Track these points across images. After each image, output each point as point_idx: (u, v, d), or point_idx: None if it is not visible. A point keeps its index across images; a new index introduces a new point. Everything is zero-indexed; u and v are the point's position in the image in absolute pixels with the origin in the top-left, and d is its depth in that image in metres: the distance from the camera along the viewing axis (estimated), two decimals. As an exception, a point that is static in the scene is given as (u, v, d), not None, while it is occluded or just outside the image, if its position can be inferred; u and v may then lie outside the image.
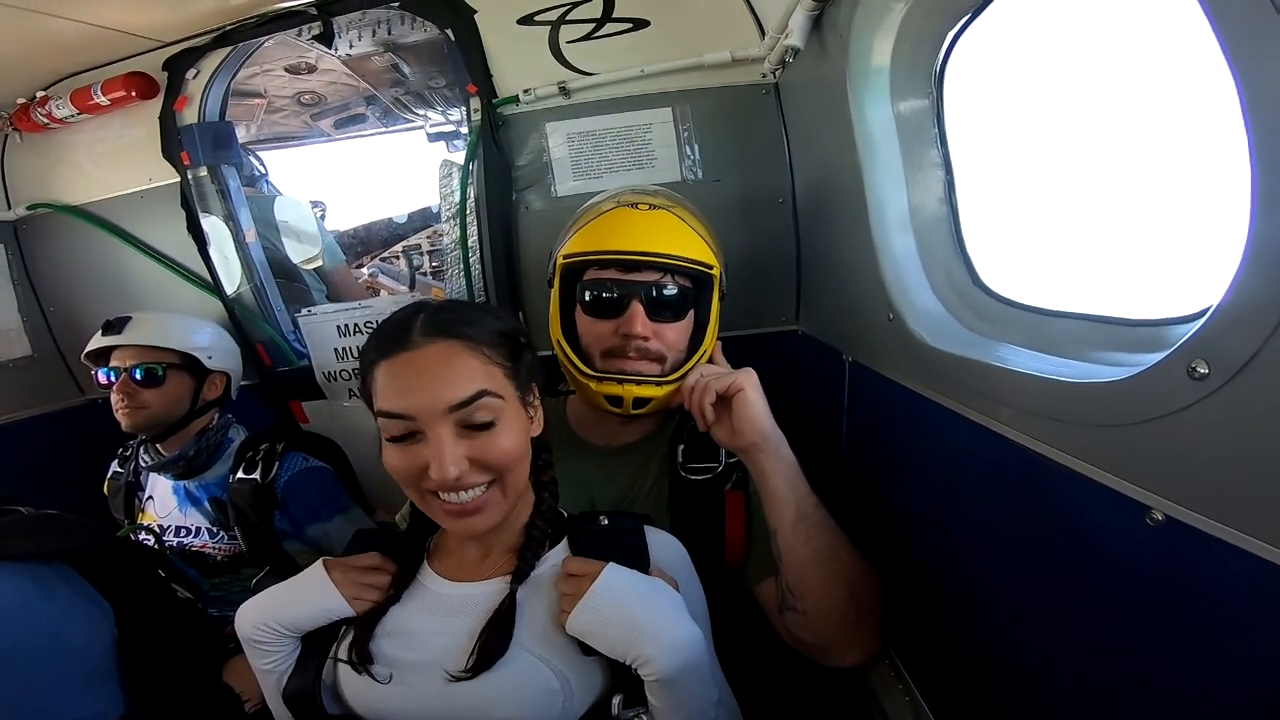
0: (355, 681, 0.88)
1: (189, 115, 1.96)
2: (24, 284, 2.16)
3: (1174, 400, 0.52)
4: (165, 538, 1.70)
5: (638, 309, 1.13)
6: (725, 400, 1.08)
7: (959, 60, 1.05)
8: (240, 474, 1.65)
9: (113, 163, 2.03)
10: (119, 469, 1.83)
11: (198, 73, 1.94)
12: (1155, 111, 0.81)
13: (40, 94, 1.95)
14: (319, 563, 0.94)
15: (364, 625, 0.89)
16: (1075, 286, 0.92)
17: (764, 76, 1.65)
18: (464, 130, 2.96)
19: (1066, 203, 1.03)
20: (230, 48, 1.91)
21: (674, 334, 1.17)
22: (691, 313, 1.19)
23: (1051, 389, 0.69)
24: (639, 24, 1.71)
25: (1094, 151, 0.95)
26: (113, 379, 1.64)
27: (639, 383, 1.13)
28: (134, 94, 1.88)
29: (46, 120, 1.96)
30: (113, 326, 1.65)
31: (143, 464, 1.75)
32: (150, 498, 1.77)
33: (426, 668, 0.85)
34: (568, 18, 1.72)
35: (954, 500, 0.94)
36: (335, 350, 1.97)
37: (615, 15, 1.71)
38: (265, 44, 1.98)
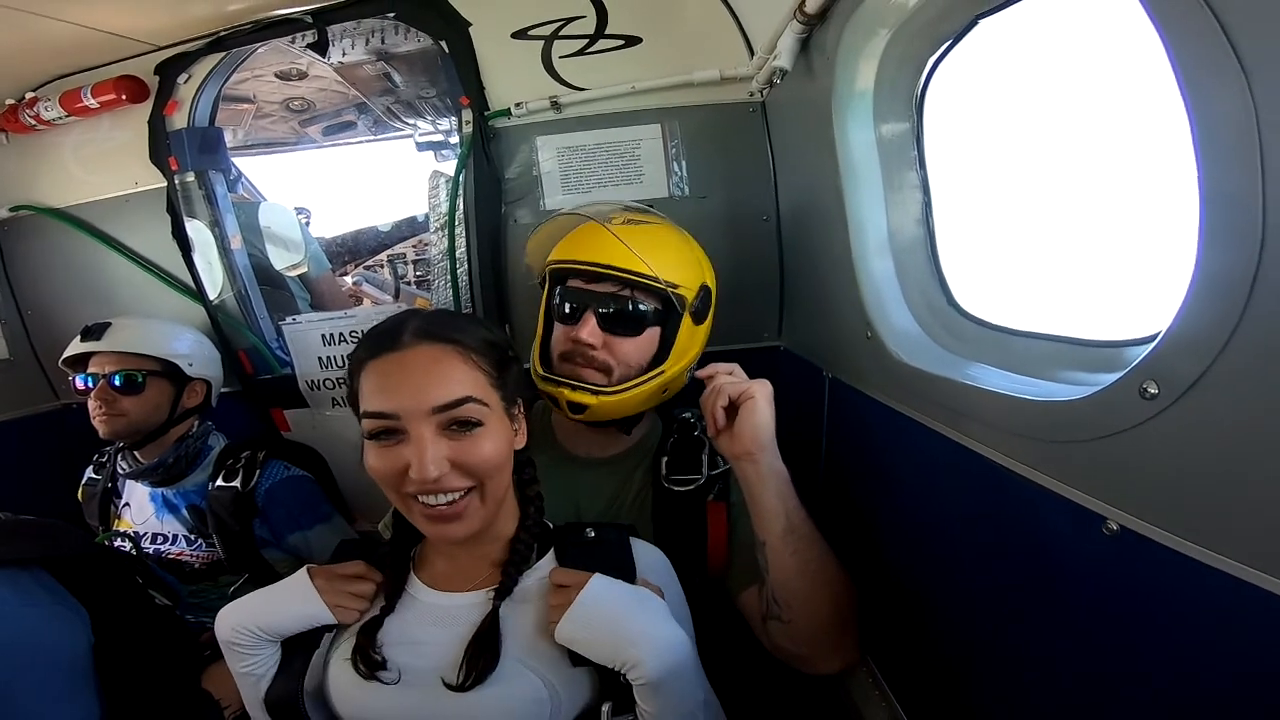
0: (349, 688, 0.88)
1: (178, 120, 1.95)
2: (2, 286, 2.13)
3: (1127, 418, 0.55)
4: (142, 545, 1.68)
5: (589, 318, 1.17)
6: (734, 407, 1.09)
7: (939, 85, 1.09)
8: (220, 481, 1.63)
9: (99, 165, 2.01)
10: (94, 475, 1.80)
11: (189, 77, 1.93)
12: (1121, 142, 0.86)
13: (29, 95, 1.93)
14: (303, 570, 0.94)
15: (367, 632, 0.89)
16: (1045, 307, 0.97)
17: (752, 95, 1.68)
18: (453, 140, 2.98)
19: (1037, 226, 1.07)
20: (224, 53, 1.90)
21: (630, 348, 1.19)
22: (657, 330, 1.21)
23: (1017, 406, 0.72)
24: (631, 41, 1.74)
25: (1063, 178, 0.99)
26: (90, 385, 1.61)
27: (573, 388, 1.16)
28: (124, 97, 1.86)
29: (34, 122, 1.93)
30: (92, 332, 1.63)
31: (120, 471, 1.73)
32: (126, 504, 1.75)
33: (421, 675, 0.86)
34: (561, 33, 1.74)
35: (927, 512, 0.98)
36: (320, 359, 1.96)
37: (608, 31, 1.73)
38: (258, 50, 1.98)
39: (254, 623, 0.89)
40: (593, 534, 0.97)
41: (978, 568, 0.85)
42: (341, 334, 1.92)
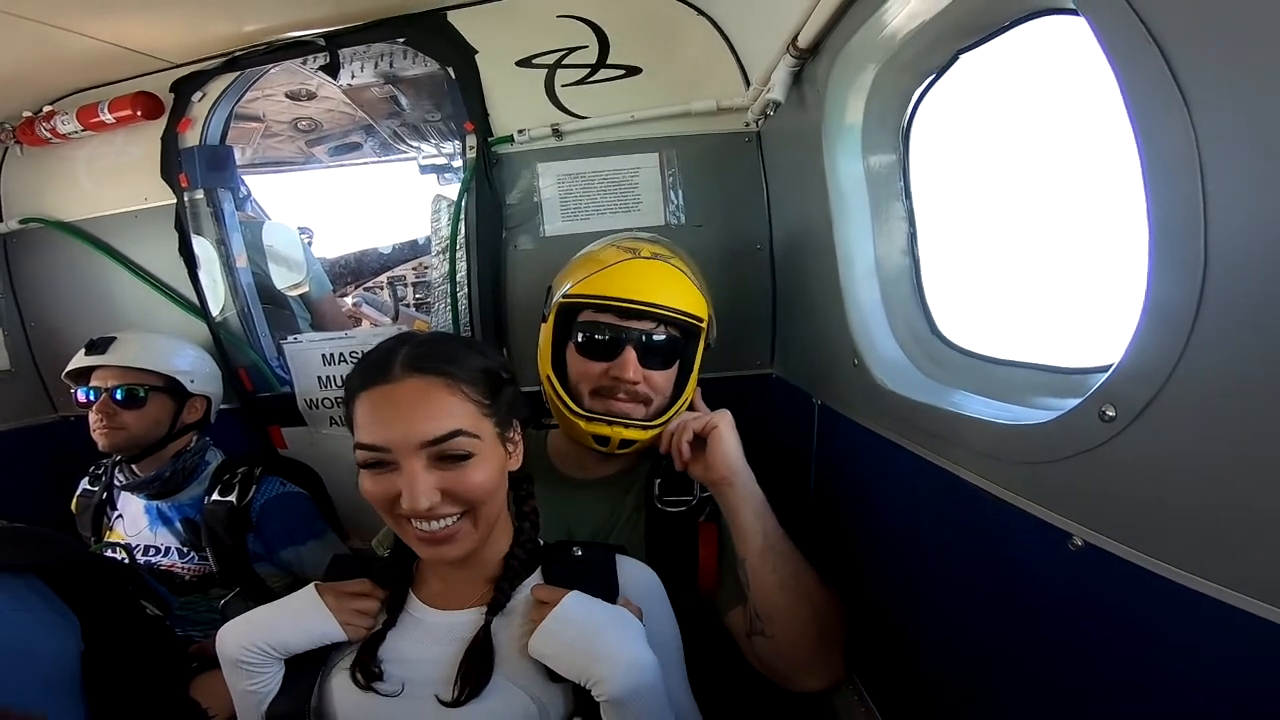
0: (348, 704, 0.89)
1: (190, 137, 2.00)
2: (8, 297, 2.16)
3: (1088, 439, 0.58)
4: (135, 556, 1.69)
5: (630, 354, 1.18)
6: (701, 439, 1.14)
7: (923, 118, 1.14)
8: (216, 495, 1.64)
9: (110, 180, 2.05)
10: (90, 487, 1.81)
11: (204, 95, 1.97)
12: (1088, 171, 0.90)
13: (47, 108, 1.97)
14: (311, 587, 0.95)
15: (368, 648, 0.90)
16: (1022, 335, 1.00)
17: (747, 126, 1.71)
18: (455, 164, 3.03)
19: (1015, 254, 1.11)
20: (238, 73, 1.95)
21: (661, 379, 1.22)
22: (676, 363, 1.24)
23: (992, 430, 0.75)
24: (631, 71, 1.78)
25: (1034, 208, 1.04)
26: (92, 399, 1.63)
27: (626, 425, 1.19)
28: (139, 113, 1.91)
29: (50, 135, 1.97)
30: (96, 346, 1.65)
31: (116, 483, 1.74)
32: (120, 516, 1.76)
33: (415, 692, 0.87)
34: (564, 62, 1.79)
35: (911, 533, 1.00)
36: (319, 378, 1.98)
37: (610, 61, 1.78)
38: (271, 70, 2.03)
39: (264, 639, 0.89)
40: (579, 552, 0.99)
41: (957, 586, 0.87)
42: (341, 354, 1.95)
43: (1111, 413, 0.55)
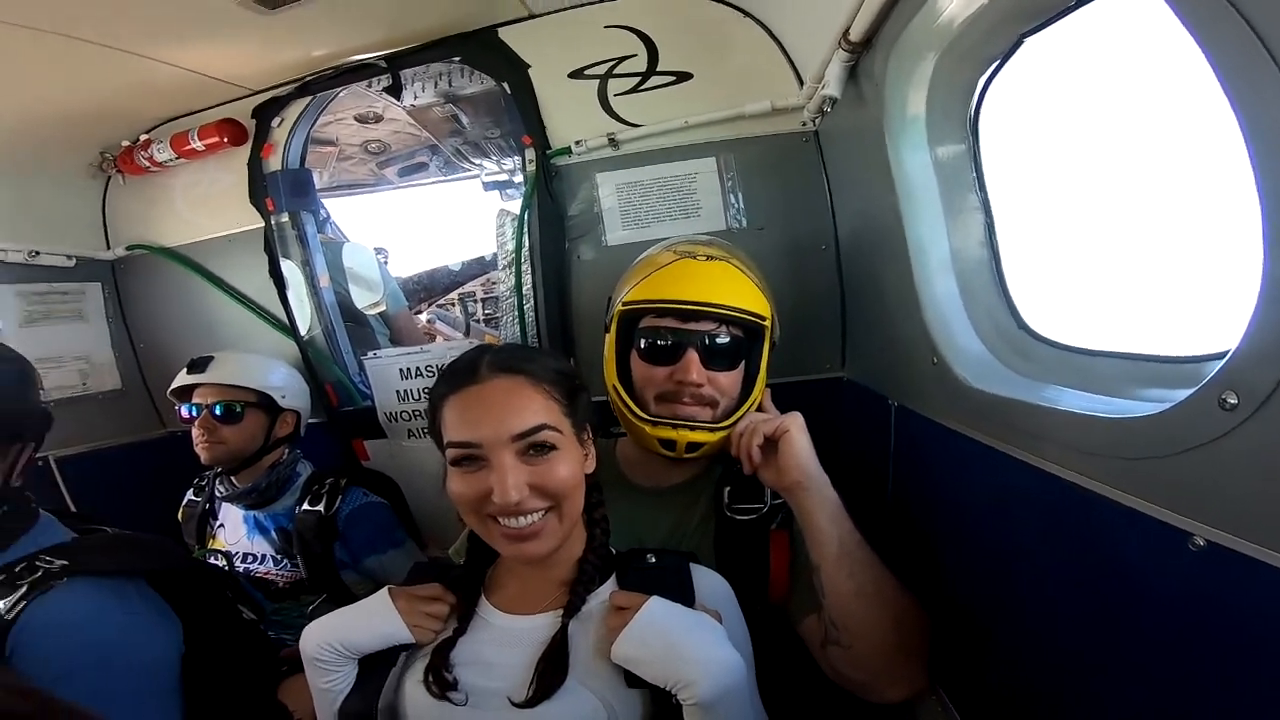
0: (421, 707, 0.92)
1: (273, 162, 2.12)
2: (118, 321, 2.33)
3: (1208, 430, 0.54)
4: (234, 563, 1.80)
5: (693, 356, 1.18)
6: (772, 442, 1.12)
7: (992, 105, 1.09)
8: (306, 505, 1.74)
9: (204, 207, 2.20)
10: (194, 497, 1.95)
11: (282, 120, 2.09)
12: (1182, 151, 0.85)
13: (143, 137, 2.13)
14: (384, 590, 0.99)
15: (440, 653, 0.93)
16: (1118, 325, 0.95)
17: (804, 125, 1.68)
18: (517, 179, 3.12)
19: (1106, 242, 1.05)
20: (310, 97, 2.06)
21: (727, 381, 1.21)
22: (742, 364, 1.23)
23: (1092, 425, 0.71)
24: (682, 76, 1.79)
25: (1128, 191, 0.98)
26: (194, 415, 1.76)
27: (692, 428, 1.18)
28: (226, 139, 2.04)
29: (148, 163, 2.12)
30: (197, 365, 1.79)
31: (218, 494, 1.87)
32: (221, 525, 1.89)
33: (490, 696, 0.89)
34: (615, 71, 1.81)
35: (1000, 536, 0.95)
36: (397, 392, 2.07)
37: (660, 68, 1.79)
38: (340, 94, 2.15)
39: (337, 639, 0.94)
40: (653, 559, 0.99)
41: (1056, 592, 0.82)
42: (418, 368, 2.03)
43: (1233, 400, 0.51)
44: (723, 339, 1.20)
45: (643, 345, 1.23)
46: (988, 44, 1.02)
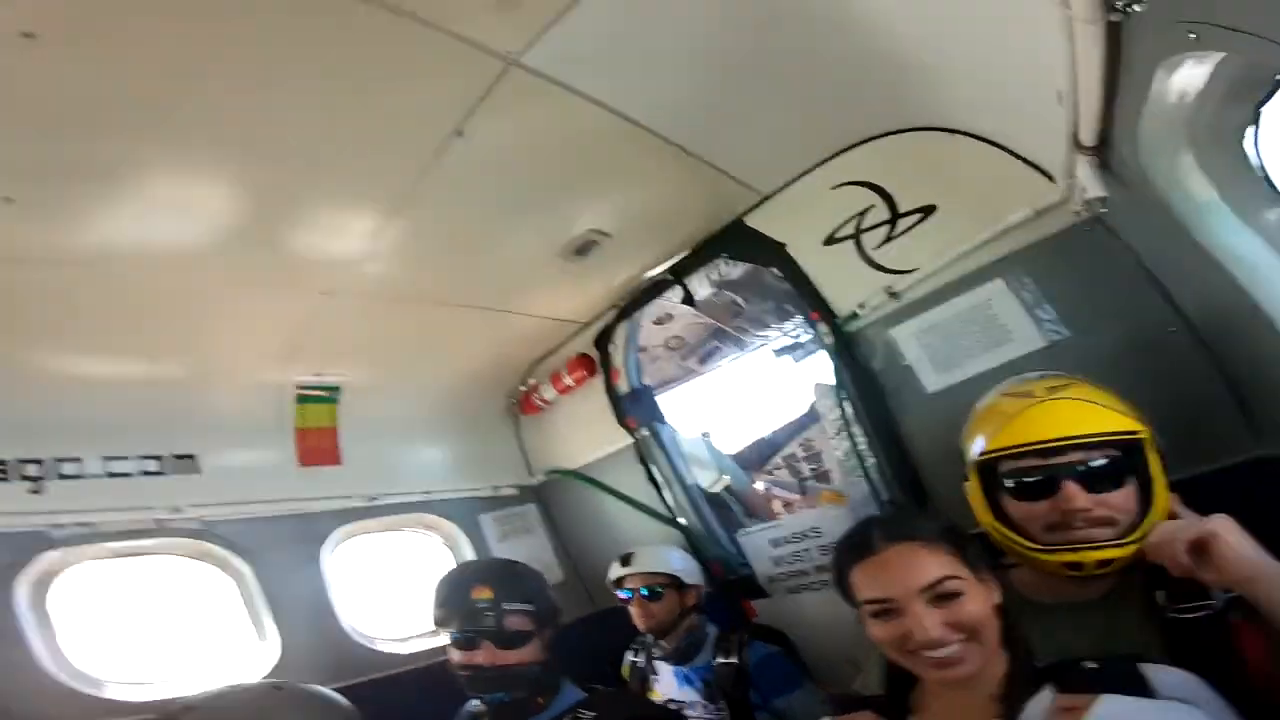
0: None
1: (622, 385, 2.67)
2: (551, 529, 3.09)
3: None
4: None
5: (1071, 486, 1.17)
6: (1198, 546, 1.04)
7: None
8: (721, 658, 2.14)
9: (588, 433, 2.87)
10: (634, 659, 2.47)
11: (615, 345, 2.64)
12: None
13: (531, 381, 2.87)
14: None
15: None
16: None
17: (1077, 215, 1.55)
18: (803, 339, 3.42)
19: None
20: (628, 320, 2.58)
21: (1120, 498, 1.18)
22: (1133, 479, 1.19)
23: None
24: (927, 211, 1.83)
25: None
26: (629, 597, 2.30)
27: (1097, 547, 1.15)
28: (585, 372, 2.66)
29: (541, 403, 2.86)
30: (625, 560, 2.34)
31: (653, 655, 2.37)
32: (656, 678, 2.36)
33: None
34: (863, 227, 1.93)
35: None
36: (771, 559, 2.43)
37: (902, 210, 1.86)
38: (646, 308, 2.66)
39: None
40: (1093, 665, 0.97)
41: None
42: (785, 538, 2.40)
43: None
44: (1098, 462, 1.18)
45: (1011, 486, 1.24)
46: (1231, 115, 1.02)
